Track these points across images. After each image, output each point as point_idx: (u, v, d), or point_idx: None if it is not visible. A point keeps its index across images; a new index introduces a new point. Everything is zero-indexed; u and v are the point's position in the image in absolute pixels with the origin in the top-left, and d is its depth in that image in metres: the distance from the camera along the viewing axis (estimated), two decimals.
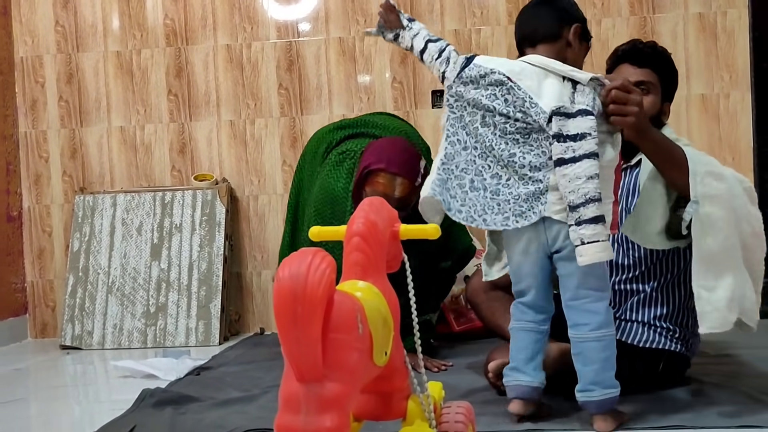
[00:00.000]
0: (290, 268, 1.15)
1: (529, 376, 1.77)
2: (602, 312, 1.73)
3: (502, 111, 1.74)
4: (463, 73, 1.79)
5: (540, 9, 1.86)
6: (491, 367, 2.02)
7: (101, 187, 3.49)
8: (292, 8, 3.43)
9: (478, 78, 1.78)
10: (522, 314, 1.81)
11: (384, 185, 2.34)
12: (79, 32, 3.51)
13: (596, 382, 1.71)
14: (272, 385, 2.26)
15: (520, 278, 1.81)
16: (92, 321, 3.26)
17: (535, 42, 1.82)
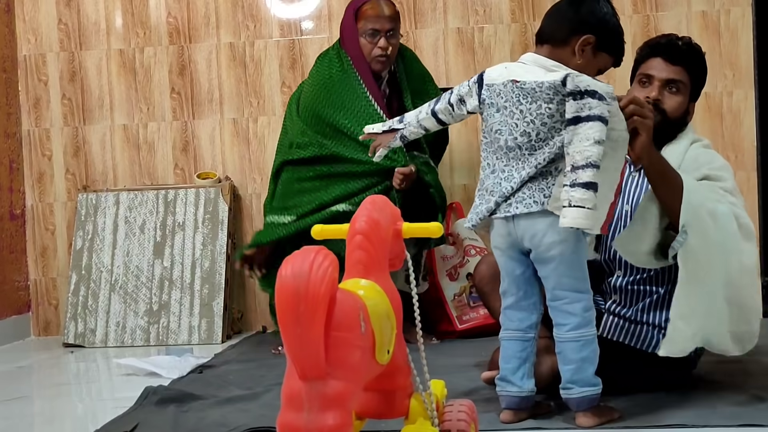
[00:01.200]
0: (293, 267, 1.15)
1: (516, 386, 1.79)
2: (578, 313, 1.74)
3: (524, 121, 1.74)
4: (483, 96, 1.80)
5: (562, 9, 1.83)
6: (484, 377, 2.06)
7: (104, 185, 3.49)
8: (295, 6, 3.43)
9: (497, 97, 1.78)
10: (509, 322, 1.82)
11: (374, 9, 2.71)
12: (82, 30, 3.51)
13: (573, 381, 1.74)
14: (275, 383, 2.26)
15: (503, 276, 1.84)
16: (95, 319, 3.27)
17: (542, 40, 1.81)
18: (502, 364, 1.81)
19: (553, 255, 1.73)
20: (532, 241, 1.74)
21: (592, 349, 1.74)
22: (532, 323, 1.80)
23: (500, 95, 1.77)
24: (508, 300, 1.82)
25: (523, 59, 1.81)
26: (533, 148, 1.73)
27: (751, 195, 3.20)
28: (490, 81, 1.78)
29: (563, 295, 1.75)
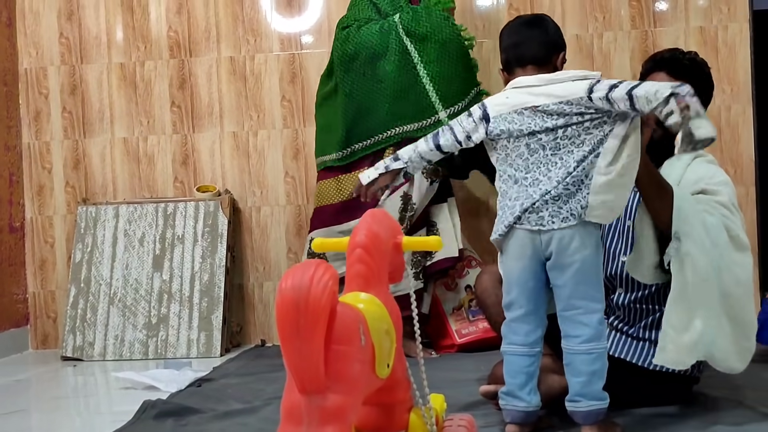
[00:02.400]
0: (293, 280, 1.16)
1: (524, 401, 1.77)
2: (593, 325, 1.73)
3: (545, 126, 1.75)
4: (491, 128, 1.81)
5: (532, 31, 1.90)
6: (482, 391, 2.04)
7: (104, 198, 3.50)
8: (296, 21, 3.45)
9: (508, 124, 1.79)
10: (514, 335, 1.79)
11: None
12: (83, 44, 3.52)
13: (582, 394, 1.72)
14: (274, 396, 2.25)
15: (510, 287, 1.80)
16: (93, 332, 3.26)
17: (525, 63, 1.86)
18: (508, 378, 1.78)
19: (575, 260, 1.72)
20: (558, 246, 1.73)
21: (603, 363, 1.73)
22: (539, 337, 1.79)
23: (513, 122, 1.78)
24: (515, 312, 1.79)
25: (522, 82, 1.82)
26: (557, 147, 1.74)
27: (750, 209, 3.20)
28: (496, 113, 1.81)
29: (579, 304, 1.73)
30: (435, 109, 2.82)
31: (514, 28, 1.94)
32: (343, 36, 2.93)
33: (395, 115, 2.84)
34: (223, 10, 3.46)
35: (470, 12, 3.34)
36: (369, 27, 2.89)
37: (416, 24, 2.85)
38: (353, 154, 2.92)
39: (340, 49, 2.92)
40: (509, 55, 1.89)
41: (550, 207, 1.73)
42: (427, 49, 2.83)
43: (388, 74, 2.84)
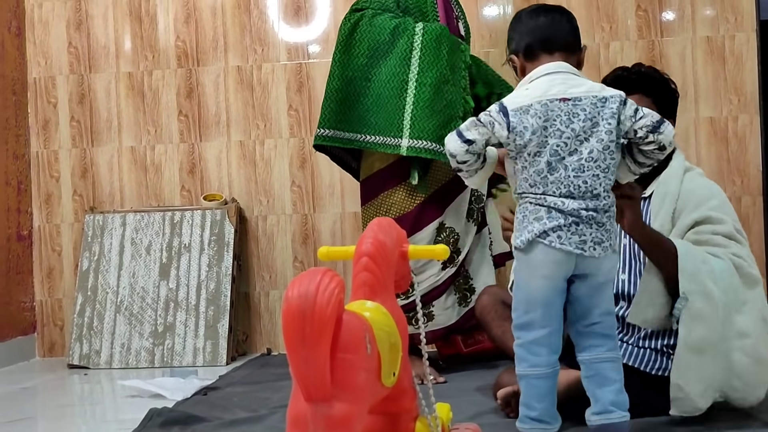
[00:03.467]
0: (299, 288, 1.16)
1: (553, 426, 1.69)
2: (614, 335, 1.71)
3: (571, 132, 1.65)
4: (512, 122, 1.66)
5: (561, 15, 1.80)
6: (500, 395, 2.00)
7: (111, 207, 3.51)
8: (303, 30, 3.46)
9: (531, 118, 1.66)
10: (535, 357, 1.67)
11: None
12: (92, 53, 3.54)
13: (617, 404, 1.66)
14: (279, 405, 2.25)
15: (533, 306, 1.67)
16: (100, 340, 3.26)
17: (554, 48, 1.73)
18: (535, 403, 1.68)
19: (609, 280, 1.69)
20: (592, 268, 1.66)
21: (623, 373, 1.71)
22: (558, 355, 1.71)
23: (536, 116, 1.65)
24: (537, 333, 1.67)
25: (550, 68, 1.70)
26: (581, 169, 1.65)
27: (757, 220, 3.19)
28: (515, 107, 1.67)
29: (605, 319, 1.69)
30: (401, 132, 2.53)
31: (539, 11, 1.80)
32: (354, 18, 2.66)
33: (363, 122, 2.59)
34: (230, 20, 3.48)
35: (476, 21, 3.35)
36: (384, 21, 2.61)
37: (435, 44, 2.58)
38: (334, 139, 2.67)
39: (346, 30, 2.65)
40: (533, 37, 1.74)
41: (594, 232, 1.65)
42: (428, 73, 2.56)
43: (379, 76, 2.60)
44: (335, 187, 3.41)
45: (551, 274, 1.66)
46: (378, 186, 2.64)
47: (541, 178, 1.65)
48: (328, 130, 2.65)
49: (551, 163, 1.64)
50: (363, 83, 2.61)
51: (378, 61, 2.60)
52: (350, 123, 2.62)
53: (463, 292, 2.68)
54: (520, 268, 1.70)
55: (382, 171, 2.64)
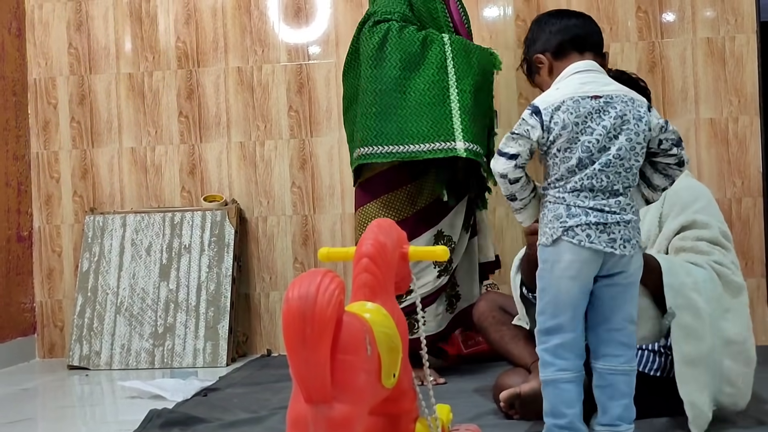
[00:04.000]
0: (299, 289, 1.16)
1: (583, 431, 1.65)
2: (633, 344, 1.67)
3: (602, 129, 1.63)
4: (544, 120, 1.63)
5: (590, 19, 1.82)
6: (503, 396, 2.00)
7: (111, 208, 3.51)
8: (303, 32, 3.46)
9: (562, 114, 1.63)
10: (563, 361, 1.63)
11: None
12: (92, 54, 3.55)
13: (623, 418, 1.65)
14: (279, 406, 2.25)
15: (562, 309, 1.63)
16: (100, 341, 3.26)
17: (586, 47, 1.74)
18: (564, 409, 1.63)
19: (635, 281, 1.67)
20: (622, 267, 1.63)
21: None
22: (583, 361, 1.67)
23: (568, 111, 1.63)
24: (563, 336, 1.63)
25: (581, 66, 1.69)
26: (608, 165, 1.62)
27: (757, 221, 3.19)
28: (546, 105, 1.64)
29: (625, 326, 1.65)
30: (453, 136, 2.53)
31: (566, 13, 1.83)
32: (381, 31, 2.60)
33: (404, 133, 2.57)
34: (231, 21, 3.48)
35: (477, 22, 3.35)
36: (411, 33, 2.59)
37: (465, 53, 2.61)
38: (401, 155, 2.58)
39: (375, 44, 2.60)
40: (565, 36, 1.74)
41: (622, 230, 1.62)
42: (464, 81, 2.57)
43: (415, 86, 2.58)
44: (335, 189, 3.41)
45: (579, 275, 1.62)
46: (378, 190, 2.63)
47: (570, 173, 1.62)
48: (368, 147, 2.58)
49: (582, 159, 1.62)
50: (397, 95, 2.57)
51: (412, 72, 2.58)
52: (388, 136, 2.56)
53: (450, 299, 2.69)
54: (546, 269, 1.65)
55: (381, 174, 2.62)
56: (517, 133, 1.64)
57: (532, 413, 1.96)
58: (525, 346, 2.19)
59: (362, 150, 2.59)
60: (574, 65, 1.71)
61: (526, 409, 1.98)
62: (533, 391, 1.96)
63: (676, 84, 3.23)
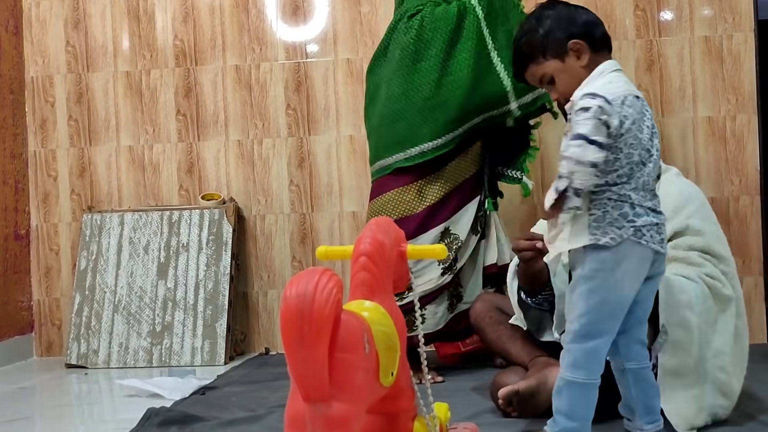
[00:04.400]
0: (297, 288, 1.16)
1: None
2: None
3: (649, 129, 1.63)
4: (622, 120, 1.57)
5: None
6: (501, 394, 2.00)
7: (109, 206, 3.51)
8: (301, 30, 3.46)
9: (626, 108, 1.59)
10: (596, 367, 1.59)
11: None
12: (90, 52, 3.54)
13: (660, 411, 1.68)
14: (277, 405, 2.25)
15: (614, 313, 1.59)
16: (98, 340, 3.26)
17: (609, 47, 1.74)
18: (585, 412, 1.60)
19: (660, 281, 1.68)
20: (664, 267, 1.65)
21: None
22: None
23: (631, 106, 1.60)
24: (606, 341, 1.59)
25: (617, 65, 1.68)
26: (654, 165, 1.62)
27: (755, 219, 3.20)
28: (613, 96, 1.58)
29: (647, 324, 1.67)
30: (507, 99, 2.57)
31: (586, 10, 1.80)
32: (415, 24, 2.59)
33: (465, 110, 2.54)
34: (228, 19, 3.47)
35: None
36: (444, 9, 2.59)
37: (490, 7, 2.60)
38: (423, 155, 2.57)
39: (413, 36, 2.58)
40: (597, 31, 1.72)
41: (663, 230, 1.62)
42: (497, 35, 2.58)
43: (461, 63, 2.54)
44: (333, 187, 3.41)
45: (640, 277, 1.59)
46: (390, 183, 2.62)
47: (632, 171, 1.57)
48: (421, 146, 2.57)
49: (642, 156, 1.59)
50: (447, 78, 2.56)
51: (454, 50, 2.57)
52: (447, 122, 2.56)
53: (451, 299, 2.68)
54: (605, 271, 1.56)
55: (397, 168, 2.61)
56: (602, 120, 1.52)
57: (529, 410, 1.97)
58: (522, 345, 2.19)
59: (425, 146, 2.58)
60: (613, 62, 1.69)
61: (524, 406, 1.98)
62: (531, 389, 1.96)
63: (673, 82, 3.23)
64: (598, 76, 1.65)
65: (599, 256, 1.56)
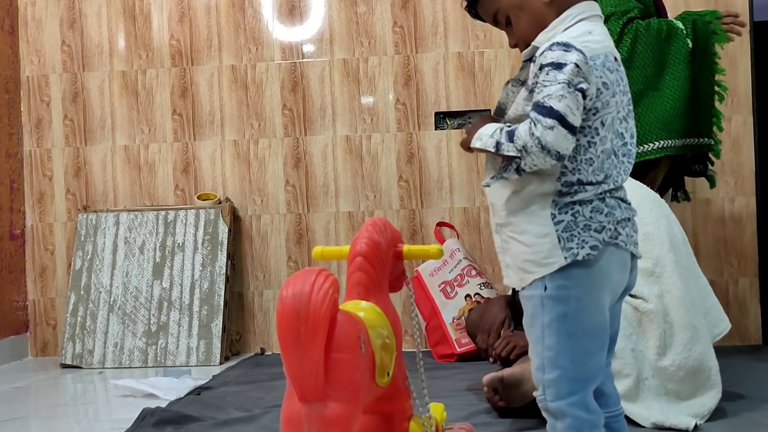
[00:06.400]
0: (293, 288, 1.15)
1: None
2: None
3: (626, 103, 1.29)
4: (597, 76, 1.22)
5: None
6: (485, 380, 1.98)
7: (104, 206, 3.50)
8: (297, 30, 3.46)
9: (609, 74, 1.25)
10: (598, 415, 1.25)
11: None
12: (85, 52, 3.53)
13: None
14: (273, 405, 2.25)
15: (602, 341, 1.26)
16: (93, 339, 3.26)
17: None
18: None
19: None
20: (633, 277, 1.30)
21: None
22: None
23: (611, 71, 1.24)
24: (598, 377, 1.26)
25: (596, 9, 1.29)
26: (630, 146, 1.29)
27: (750, 221, 3.20)
28: (592, 53, 1.22)
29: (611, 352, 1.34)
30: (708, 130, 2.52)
31: None
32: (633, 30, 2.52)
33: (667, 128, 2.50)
34: (224, 19, 3.47)
35: (470, 21, 3.35)
36: (654, 25, 2.54)
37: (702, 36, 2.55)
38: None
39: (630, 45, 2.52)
40: None
41: (636, 227, 1.28)
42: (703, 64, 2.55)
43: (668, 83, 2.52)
44: (329, 187, 3.41)
45: (617, 286, 1.26)
46: None
47: (606, 158, 1.24)
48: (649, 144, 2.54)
49: (614, 140, 1.25)
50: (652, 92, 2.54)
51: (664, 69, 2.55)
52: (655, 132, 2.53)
53: None
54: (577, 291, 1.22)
55: None
56: (581, 89, 1.18)
57: (516, 399, 1.94)
58: None
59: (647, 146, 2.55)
60: (591, 4, 1.28)
61: (509, 393, 1.95)
62: (515, 376, 1.94)
63: None
64: (569, 21, 1.26)
65: (572, 275, 1.22)
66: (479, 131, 1.26)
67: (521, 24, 1.30)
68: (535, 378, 1.27)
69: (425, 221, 3.35)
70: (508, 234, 1.28)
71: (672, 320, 1.93)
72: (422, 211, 3.36)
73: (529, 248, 1.24)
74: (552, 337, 1.23)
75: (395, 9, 3.39)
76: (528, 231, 1.24)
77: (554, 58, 1.19)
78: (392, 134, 3.38)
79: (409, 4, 3.39)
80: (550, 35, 1.25)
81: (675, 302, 1.94)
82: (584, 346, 1.23)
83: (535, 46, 1.26)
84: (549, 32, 1.26)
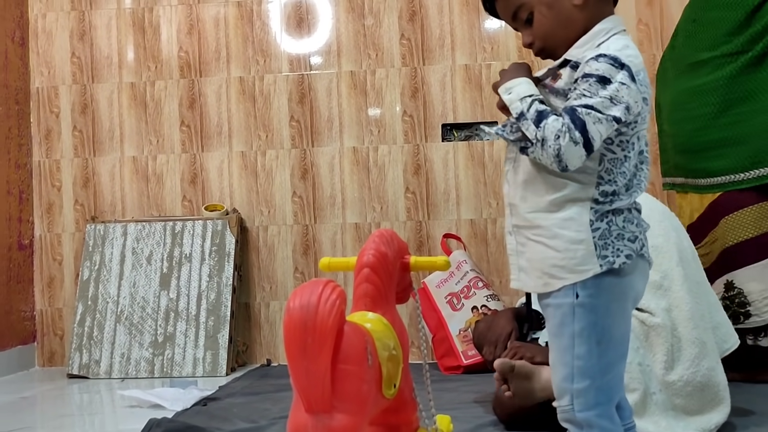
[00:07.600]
0: (300, 299, 1.16)
1: None
2: None
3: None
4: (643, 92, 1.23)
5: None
6: (497, 364, 1.93)
7: (112, 216, 3.51)
8: (305, 42, 3.48)
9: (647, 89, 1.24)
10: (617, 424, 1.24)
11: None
12: (95, 64, 3.56)
13: None
14: (279, 416, 2.25)
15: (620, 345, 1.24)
16: (100, 350, 3.26)
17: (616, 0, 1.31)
18: None
19: None
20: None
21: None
22: None
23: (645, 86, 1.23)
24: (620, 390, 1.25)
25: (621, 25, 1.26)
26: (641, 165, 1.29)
27: None
28: (637, 68, 1.20)
29: None
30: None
31: None
32: None
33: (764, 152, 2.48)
34: (233, 31, 3.49)
35: (478, 34, 3.36)
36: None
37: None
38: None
39: None
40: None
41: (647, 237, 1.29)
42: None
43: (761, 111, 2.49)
44: (336, 198, 3.42)
45: (638, 296, 1.27)
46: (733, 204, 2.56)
47: (638, 170, 1.25)
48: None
49: (643, 152, 1.26)
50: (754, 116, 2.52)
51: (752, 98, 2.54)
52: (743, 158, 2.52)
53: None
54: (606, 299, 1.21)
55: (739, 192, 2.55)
56: (617, 119, 1.17)
57: (521, 391, 1.91)
58: None
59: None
60: (619, 18, 1.26)
61: (518, 385, 1.92)
62: (527, 368, 1.92)
63: None
64: (602, 35, 1.23)
65: (603, 284, 1.21)
66: (513, 82, 1.23)
67: (545, 22, 1.25)
68: (559, 388, 1.24)
69: (432, 233, 3.35)
70: (531, 237, 1.25)
71: (680, 335, 1.92)
72: (429, 222, 3.36)
73: (560, 253, 1.21)
74: (583, 346, 1.20)
75: (402, 21, 3.40)
76: (560, 236, 1.21)
77: (601, 71, 1.17)
78: (399, 146, 3.39)
79: (416, 16, 3.40)
80: (584, 49, 1.22)
81: (683, 317, 1.93)
82: (610, 356, 1.22)
83: (566, 59, 1.23)
84: (582, 46, 1.23)
